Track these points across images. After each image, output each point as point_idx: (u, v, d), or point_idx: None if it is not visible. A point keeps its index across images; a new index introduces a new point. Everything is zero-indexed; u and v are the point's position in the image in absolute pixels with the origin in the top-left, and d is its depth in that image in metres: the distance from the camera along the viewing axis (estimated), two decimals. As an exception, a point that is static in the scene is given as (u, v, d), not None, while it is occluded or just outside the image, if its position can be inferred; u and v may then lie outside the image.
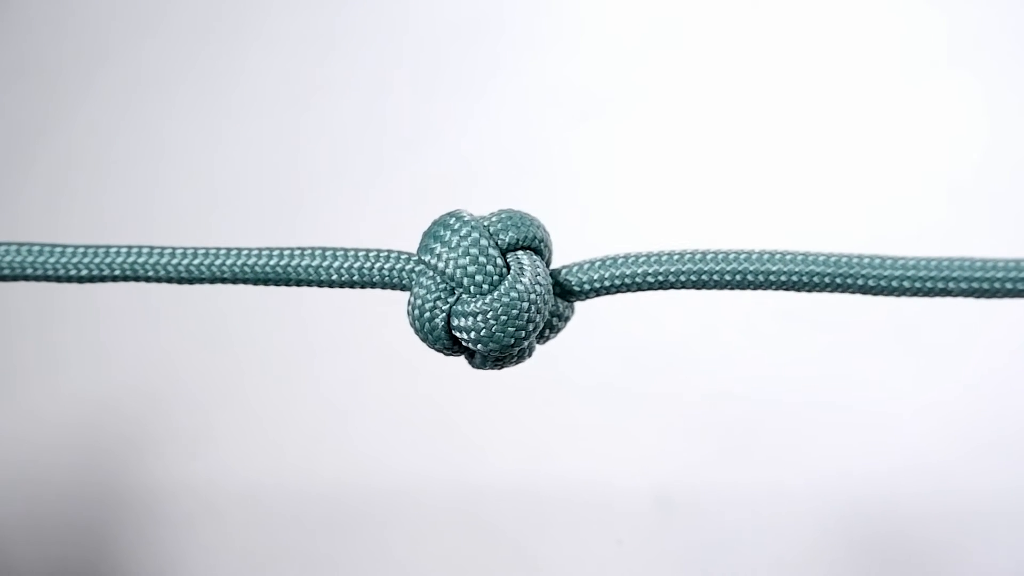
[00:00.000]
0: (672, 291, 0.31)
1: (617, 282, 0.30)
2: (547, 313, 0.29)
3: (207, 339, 0.77)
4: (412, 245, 0.38)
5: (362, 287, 0.30)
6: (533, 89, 0.76)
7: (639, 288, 0.30)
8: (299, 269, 0.30)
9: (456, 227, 0.29)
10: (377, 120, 0.77)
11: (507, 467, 0.74)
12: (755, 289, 0.30)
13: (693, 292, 0.69)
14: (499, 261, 0.29)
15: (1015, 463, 0.69)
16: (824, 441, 0.70)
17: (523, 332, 0.28)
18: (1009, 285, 0.29)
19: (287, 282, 0.30)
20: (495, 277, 0.28)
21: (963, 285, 0.29)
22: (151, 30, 0.81)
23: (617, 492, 0.72)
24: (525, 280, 0.28)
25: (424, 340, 0.29)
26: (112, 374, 0.78)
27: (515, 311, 0.28)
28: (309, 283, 0.30)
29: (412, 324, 0.29)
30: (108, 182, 0.80)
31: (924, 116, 0.71)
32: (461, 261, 0.28)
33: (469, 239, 0.28)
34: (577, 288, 0.30)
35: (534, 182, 0.75)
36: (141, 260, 0.30)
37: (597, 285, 0.30)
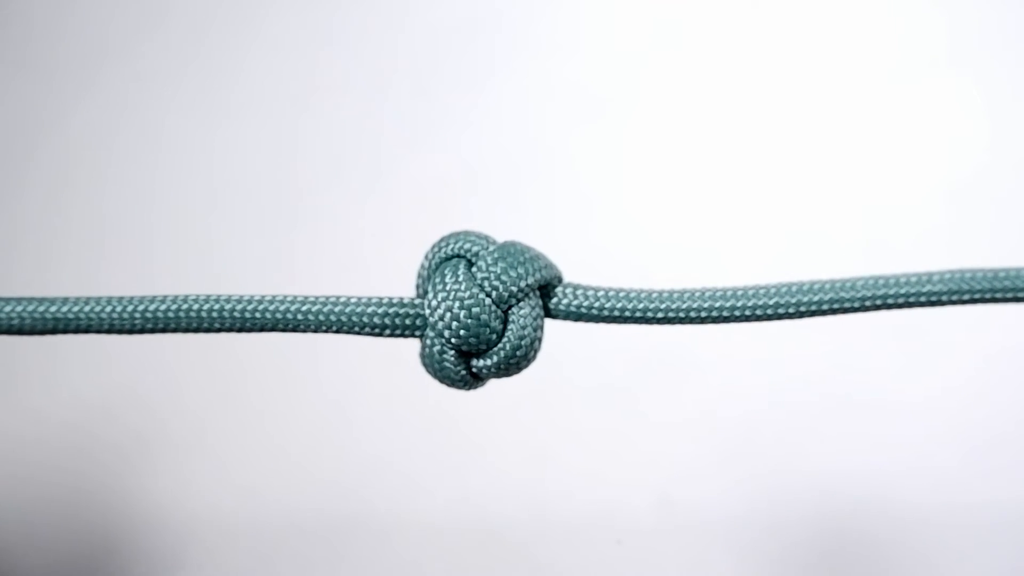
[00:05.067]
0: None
1: (605, 314, 0.31)
2: (550, 266, 0.31)
3: (208, 342, 0.77)
4: (413, 247, 0.38)
5: (371, 335, 0.31)
6: (534, 90, 0.76)
7: (623, 322, 0.31)
8: (305, 317, 0.31)
9: (454, 285, 0.30)
10: (377, 121, 0.77)
11: (507, 467, 0.74)
12: (744, 322, 0.31)
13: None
14: (498, 324, 0.30)
15: (1016, 463, 0.69)
16: (825, 442, 0.70)
17: (528, 363, 0.31)
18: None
19: (293, 329, 0.31)
20: (492, 337, 0.30)
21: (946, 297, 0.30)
22: (151, 30, 0.81)
23: (617, 493, 0.72)
24: (527, 334, 0.30)
25: (440, 381, 0.31)
26: (113, 376, 0.78)
27: (517, 356, 0.30)
28: (315, 331, 0.31)
29: (427, 371, 0.31)
30: (107, 183, 0.80)
31: (924, 116, 0.71)
32: (460, 325, 0.30)
33: (468, 301, 0.30)
34: (553, 310, 0.32)
35: (535, 183, 0.75)
36: (157, 308, 0.31)
37: (578, 314, 0.31)
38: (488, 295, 0.30)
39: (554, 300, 0.31)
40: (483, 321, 0.30)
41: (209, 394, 0.77)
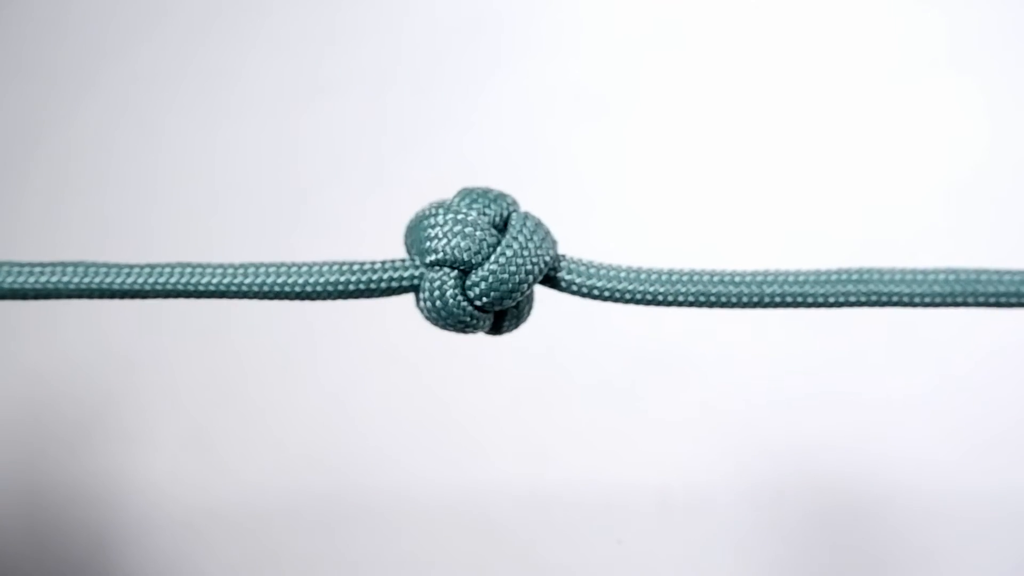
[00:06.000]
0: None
1: (607, 294, 0.31)
2: (552, 253, 0.30)
3: (207, 335, 0.77)
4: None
5: (368, 297, 0.31)
6: (534, 89, 0.76)
7: (626, 302, 0.31)
8: (304, 286, 0.30)
9: (442, 297, 0.30)
10: (378, 121, 0.77)
11: (507, 466, 0.74)
12: (752, 308, 0.31)
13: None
14: (486, 323, 0.30)
15: (1018, 459, 0.69)
16: (825, 441, 0.70)
17: (531, 275, 0.30)
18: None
19: (294, 297, 0.31)
20: (482, 326, 0.30)
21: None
22: (151, 30, 0.81)
23: (617, 492, 0.72)
24: (521, 238, 0.30)
25: (444, 326, 0.30)
26: (110, 370, 0.78)
27: (517, 263, 0.30)
28: (314, 297, 0.31)
29: (430, 314, 0.30)
30: (107, 182, 0.80)
31: (924, 116, 0.71)
32: (446, 325, 0.30)
33: (457, 312, 0.30)
34: (564, 284, 0.31)
35: (536, 183, 0.75)
36: (156, 279, 0.30)
37: (585, 291, 0.31)
38: (478, 308, 0.30)
39: (557, 276, 0.31)
40: (470, 323, 0.30)
41: (208, 387, 0.77)
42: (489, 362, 0.74)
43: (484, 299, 0.30)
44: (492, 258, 0.29)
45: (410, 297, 0.31)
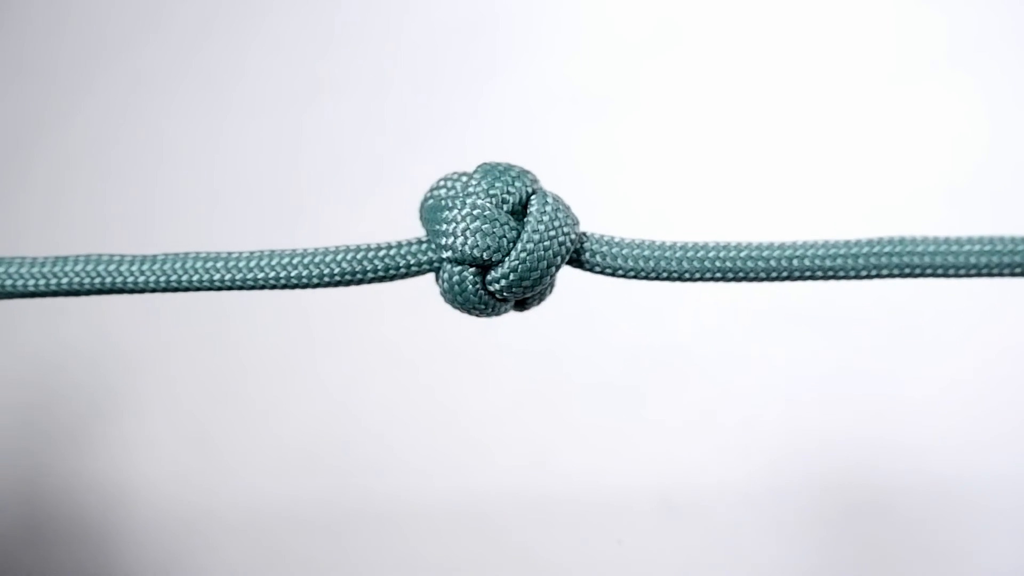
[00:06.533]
0: (676, 288, 0.31)
1: (632, 273, 0.30)
2: (574, 236, 0.29)
3: (208, 335, 0.77)
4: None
5: (388, 281, 0.30)
6: (534, 90, 0.76)
7: (652, 279, 0.30)
8: (322, 276, 0.29)
9: (463, 293, 0.29)
10: (378, 121, 0.77)
11: (508, 466, 0.74)
12: (781, 282, 0.30)
13: (694, 291, 0.68)
14: (511, 223, 0.29)
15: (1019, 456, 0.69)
16: (826, 440, 0.70)
17: (552, 266, 0.29)
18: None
19: (312, 286, 0.29)
20: (509, 240, 0.29)
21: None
22: (151, 30, 0.81)
23: (617, 492, 0.72)
24: (541, 228, 0.29)
25: (465, 312, 0.30)
26: (111, 369, 0.78)
27: (537, 257, 0.28)
28: (332, 285, 0.30)
29: (451, 303, 0.30)
30: (107, 182, 0.80)
31: (924, 116, 0.71)
32: (473, 240, 0.28)
33: (479, 305, 0.29)
34: (588, 266, 0.30)
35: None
36: (167, 275, 0.29)
37: (610, 271, 0.30)
38: (500, 300, 0.29)
39: (582, 259, 0.30)
40: (493, 311, 0.30)
41: (208, 387, 0.77)
42: (490, 363, 0.74)
43: (506, 293, 0.29)
44: (513, 254, 0.28)
45: (411, 296, 0.31)
